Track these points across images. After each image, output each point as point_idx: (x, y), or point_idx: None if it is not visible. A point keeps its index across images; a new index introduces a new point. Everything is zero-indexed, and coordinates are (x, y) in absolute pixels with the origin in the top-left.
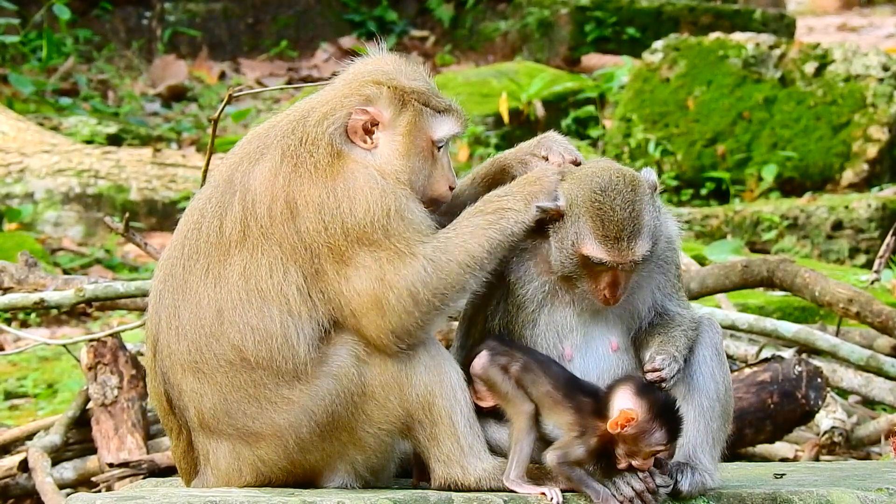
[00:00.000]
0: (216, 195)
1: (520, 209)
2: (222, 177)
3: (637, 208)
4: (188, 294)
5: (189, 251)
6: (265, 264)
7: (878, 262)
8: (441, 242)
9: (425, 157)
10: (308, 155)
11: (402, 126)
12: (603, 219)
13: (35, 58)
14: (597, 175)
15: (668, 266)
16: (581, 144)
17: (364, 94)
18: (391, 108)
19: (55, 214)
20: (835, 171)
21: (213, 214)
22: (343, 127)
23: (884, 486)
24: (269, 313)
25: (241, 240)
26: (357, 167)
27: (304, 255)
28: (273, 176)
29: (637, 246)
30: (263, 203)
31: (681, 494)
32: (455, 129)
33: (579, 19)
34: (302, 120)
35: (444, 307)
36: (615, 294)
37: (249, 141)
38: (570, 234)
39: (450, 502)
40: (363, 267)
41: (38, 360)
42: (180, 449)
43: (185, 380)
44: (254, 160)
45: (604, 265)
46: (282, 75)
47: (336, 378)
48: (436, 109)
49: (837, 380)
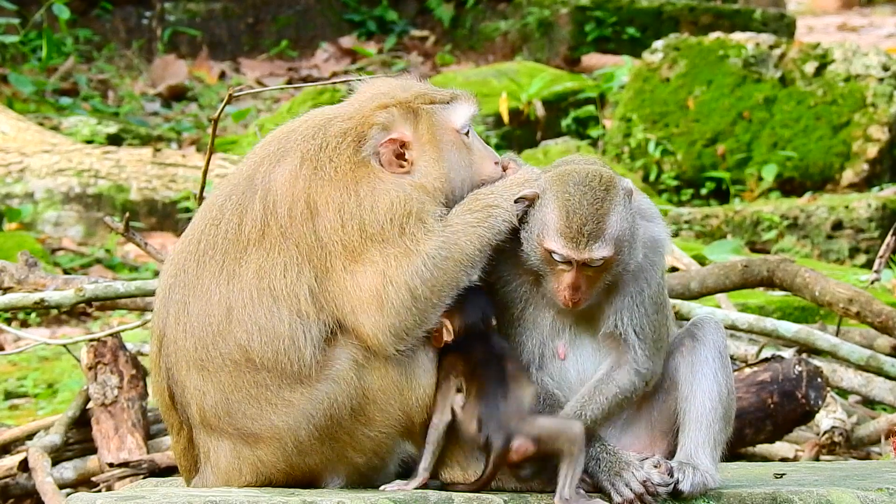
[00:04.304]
0: (236, 193)
1: (506, 207)
2: (243, 176)
3: (605, 208)
4: (199, 290)
5: (205, 247)
6: (280, 263)
7: (878, 262)
8: (440, 240)
9: (459, 148)
10: (328, 160)
11: (425, 133)
12: (568, 211)
13: (35, 58)
14: (574, 172)
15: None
16: (581, 144)
17: (378, 122)
18: (407, 123)
19: (55, 214)
20: (835, 170)
21: (233, 212)
22: (368, 145)
23: (884, 486)
24: (278, 313)
25: (260, 238)
26: (385, 174)
27: (320, 254)
28: (293, 178)
29: (596, 246)
30: (284, 203)
31: (682, 495)
32: (471, 110)
33: (579, 19)
34: (322, 127)
35: (440, 304)
36: (575, 296)
37: (269, 143)
38: (538, 224)
39: (450, 502)
40: (371, 263)
41: (38, 360)
42: (180, 445)
43: (189, 376)
44: (274, 161)
45: (564, 261)
46: (282, 75)
47: (335, 382)
48: (443, 102)
49: (837, 380)
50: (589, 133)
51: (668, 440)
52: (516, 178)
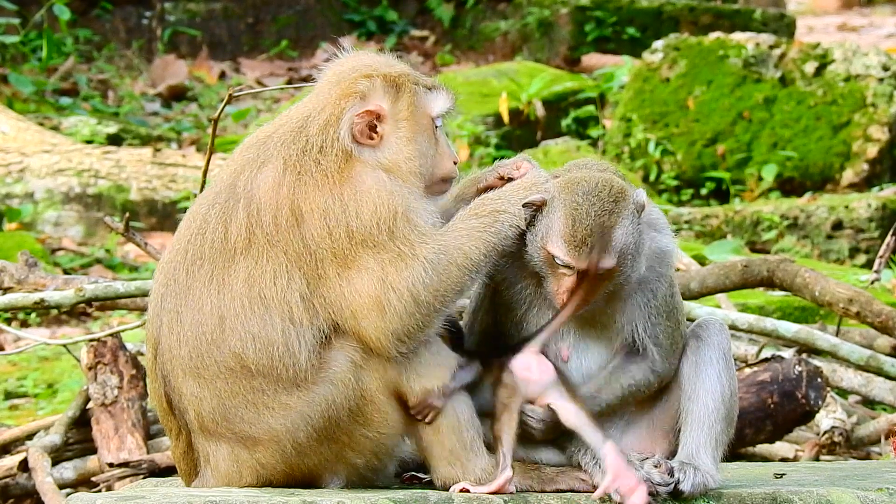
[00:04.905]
0: (220, 202)
1: (514, 212)
2: (224, 183)
3: (612, 220)
4: (191, 299)
5: (193, 256)
6: (270, 271)
7: (878, 262)
8: (440, 244)
9: (429, 136)
10: (313, 163)
11: (403, 110)
12: (574, 220)
13: (35, 58)
14: (584, 179)
15: (657, 285)
16: (581, 144)
17: (358, 90)
18: (387, 96)
19: (55, 214)
20: (835, 170)
21: (218, 221)
22: (347, 131)
23: (884, 486)
24: (270, 321)
25: (247, 247)
26: (365, 170)
27: (309, 260)
28: (277, 185)
29: (600, 257)
30: (269, 212)
31: (682, 495)
32: (449, 104)
33: (579, 19)
34: (301, 129)
35: (443, 308)
36: (571, 300)
37: (247, 148)
38: (543, 227)
39: (450, 502)
40: (366, 269)
41: (38, 360)
42: (180, 450)
43: (186, 383)
44: (255, 168)
45: (566, 267)
46: (282, 75)
47: (333, 384)
48: (427, 87)
49: (837, 380)
50: (589, 133)
51: (669, 440)
52: (524, 182)
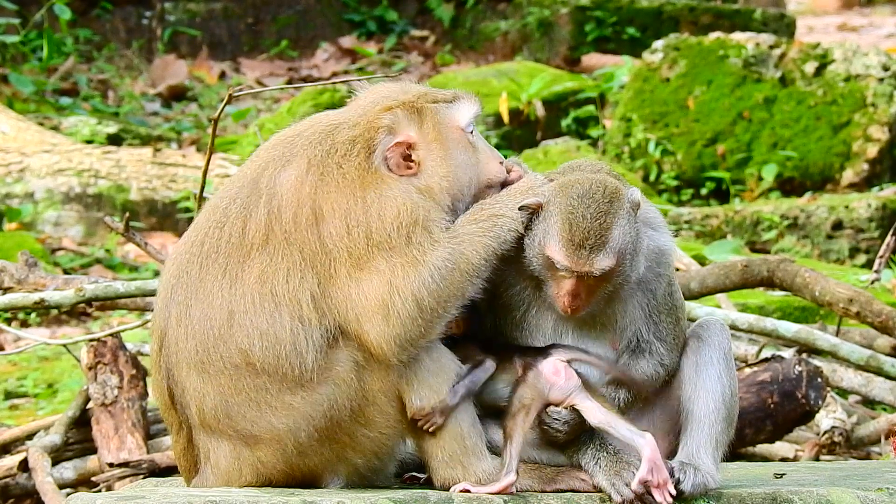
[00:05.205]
0: (241, 196)
1: (512, 216)
2: (247, 179)
3: (608, 221)
4: (202, 293)
5: (208, 249)
6: (283, 269)
7: (878, 262)
8: (448, 250)
9: (464, 147)
10: (336, 166)
11: (430, 133)
12: (571, 223)
13: (35, 58)
14: (579, 182)
15: (656, 284)
16: (581, 144)
17: (384, 125)
18: (412, 123)
19: (55, 214)
20: (835, 170)
21: (237, 215)
22: (382, 163)
23: (884, 486)
24: (280, 319)
25: (264, 243)
26: (393, 180)
27: (323, 260)
28: (300, 183)
29: (598, 258)
30: (289, 209)
31: (682, 495)
32: (474, 109)
33: (579, 19)
34: (330, 133)
35: (445, 314)
36: (574, 303)
37: (274, 146)
38: (540, 232)
39: (450, 502)
40: (376, 271)
41: (38, 360)
42: (180, 445)
43: (190, 378)
44: (279, 166)
45: (565, 270)
46: (282, 75)
47: (336, 384)
48: (447, 101)
49: (837, 380)
50: (589, 133)
51: (669, 440)
52: (520, 186)
